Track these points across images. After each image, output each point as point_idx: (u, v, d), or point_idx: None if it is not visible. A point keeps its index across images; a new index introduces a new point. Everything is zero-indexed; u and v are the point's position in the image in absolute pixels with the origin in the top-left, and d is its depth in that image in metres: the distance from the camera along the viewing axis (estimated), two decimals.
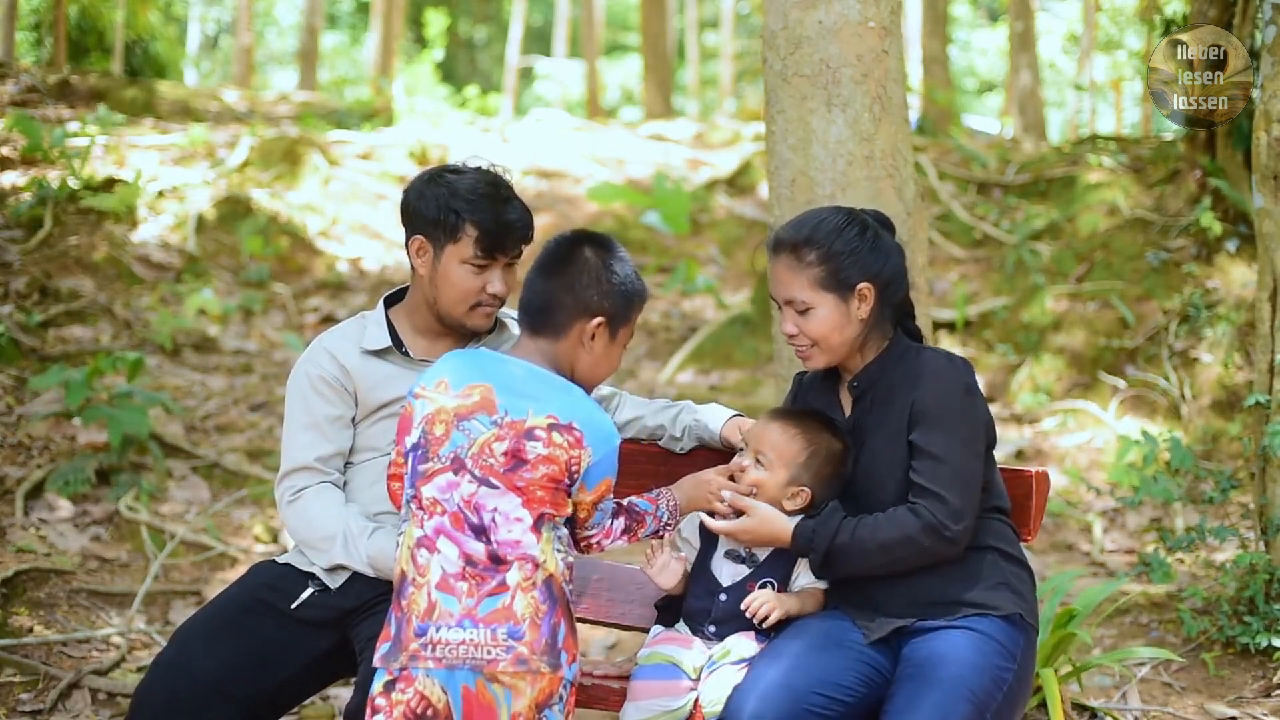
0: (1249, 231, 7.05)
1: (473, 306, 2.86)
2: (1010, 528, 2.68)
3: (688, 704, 2.56)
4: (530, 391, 2.42)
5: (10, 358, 6.29)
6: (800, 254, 2.64)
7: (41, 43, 15.29)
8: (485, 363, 2.48)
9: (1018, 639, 2.53)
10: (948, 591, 2.54)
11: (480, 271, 2.83)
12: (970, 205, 9.33)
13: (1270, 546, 4.12)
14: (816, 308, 2.63)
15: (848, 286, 2.62)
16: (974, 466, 2.56)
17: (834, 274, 2.62)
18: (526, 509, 2.36)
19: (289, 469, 2.87)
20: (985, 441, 2.61)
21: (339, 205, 9.99)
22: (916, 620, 2.54)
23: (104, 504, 5.33)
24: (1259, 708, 3.84)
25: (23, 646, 4.11)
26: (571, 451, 2.38)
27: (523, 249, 2.90)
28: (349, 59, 25.42)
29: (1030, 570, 2.67)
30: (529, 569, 2.35)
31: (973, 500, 2.54)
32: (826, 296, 2.62)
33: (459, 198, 2.81)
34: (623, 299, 2.54)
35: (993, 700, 2.45)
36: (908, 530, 2.51)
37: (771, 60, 3.75)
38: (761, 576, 2.66)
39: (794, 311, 2.65)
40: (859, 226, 2.67)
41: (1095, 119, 20.85)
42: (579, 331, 2.50)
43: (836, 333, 2.64)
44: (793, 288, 2.64)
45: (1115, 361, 7.21)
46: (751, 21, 26.34)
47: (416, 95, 14.60)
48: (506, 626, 2.32)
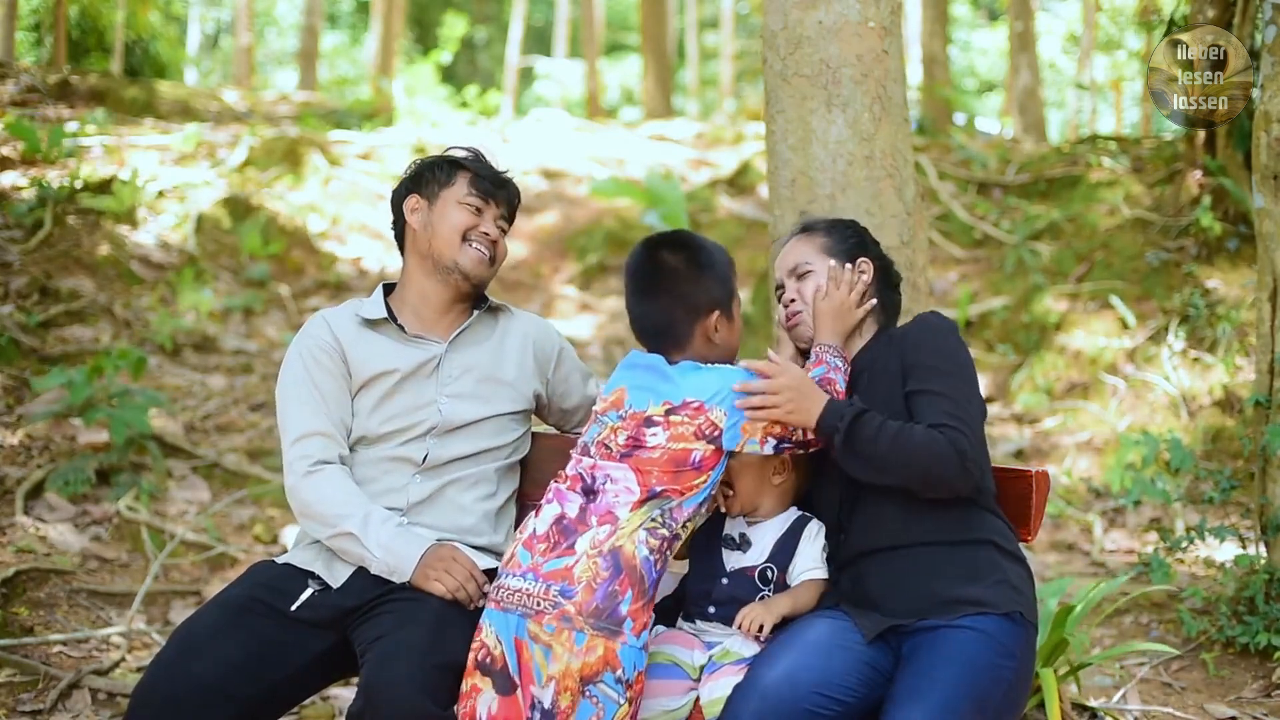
0: (1249, 231, 7.05)
1: (465, 240, 2.97)
2: (1004, 522, 2.68)
3: (687, 704, 2.56)
4: (652, 385, 2.59)
5: (10, 358, 6.29)
6: (808, 230, 2.90)
7: (41, 43, 15.29)
8: (629, 369, 2.68)
9: (1017, 636, 2.53)
10: (947, 590, 2.53)
11: (475, 213, 2.98)
12: (970, 205, 9.33)
13: (1270, 546, 4.12)
14: (817, 270, 2.80)
15: (848, 256, 2.82)
16: (979, 407, 2.59)
17: (838, 243, 2.84)
18: (639, 483, 2.50)
19: (299, 435, 2.86)
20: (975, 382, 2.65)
21: (339, 205, 10.00)
22: (916, 620, 2.54)
23: (104, 504, 5.33)
24: (1259, 708, 3.84)
25: (23, 646, 4.11)
26: (696, 420, 2.52)
27: (512, 215, 3.06)
28: (349, 59, 25.42)
29: (1026, 564, 2.67)
30: (602, 535, 2.47)
31: (982, 443, 2.56)
32: (828, 261, 2.81)
33: (452, 153, 3.05)
34: (722, 282, 2.67)
35: (993, 698, 2.45)
36: (934, 444, 2.50)
37: (771, 60, 3.75)
38: (763, 565, 2.67)
39: (795, 279, 2.83)
40: (861, 229, 2.92)
41: (1095, 119, 20.85)
42: (703, 331, 2.64)
43: None
44: (797, 254, 2.85)
45: (1115, 361, 7.21)
46: (751, 21, 26.33)
47: (416, 95, 14.61)
48: (560, 585, 2.43)
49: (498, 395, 2.98)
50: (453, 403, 2.91)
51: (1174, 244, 7.64)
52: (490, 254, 3.00)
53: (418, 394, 2.92)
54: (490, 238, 2.99)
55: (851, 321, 2.76)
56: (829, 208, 3.66)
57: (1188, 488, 5.38)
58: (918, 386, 2.59)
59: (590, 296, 9.43)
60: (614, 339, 8.77)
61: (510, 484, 3.03)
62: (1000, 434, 7.01)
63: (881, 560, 2.61)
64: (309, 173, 10.23)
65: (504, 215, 3.03)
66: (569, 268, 9.63)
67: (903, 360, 2.64)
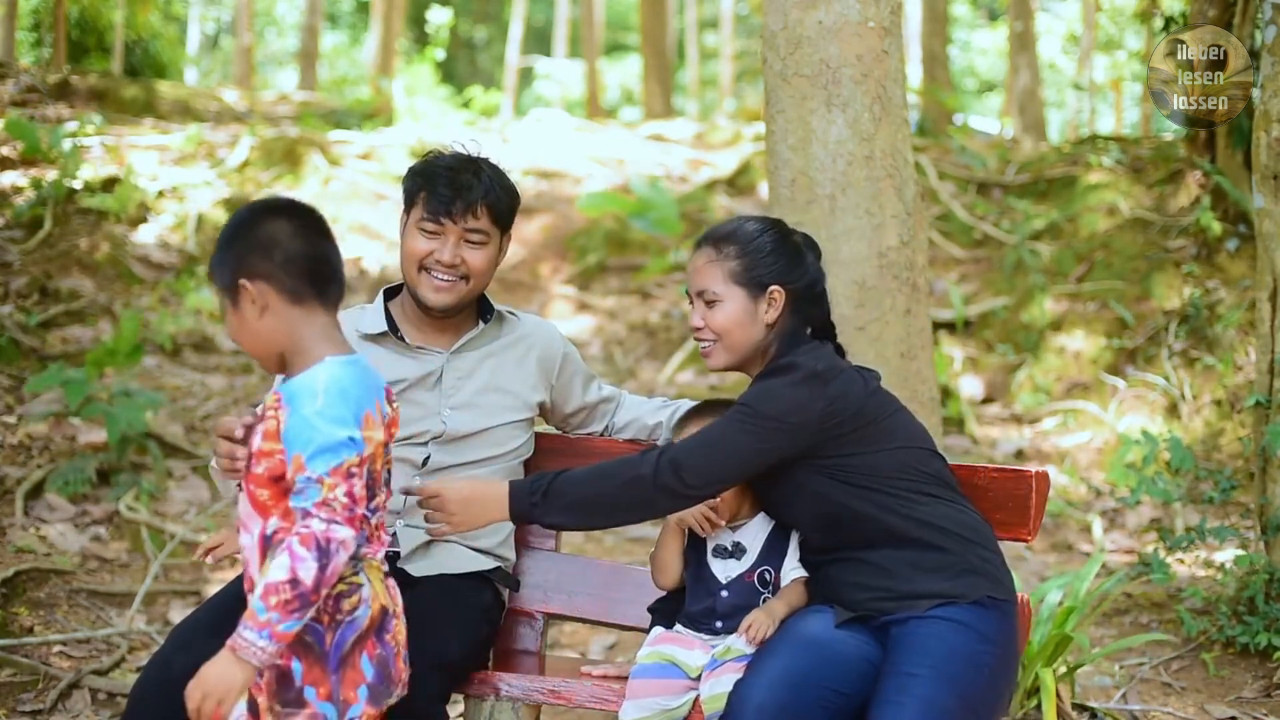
0: (1249, 231, 7.05)
1: (420, 270, 2.84)
2: (968, 507, 2.64)
3: (686, 704, 2.56)
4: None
5: (10, 358, 6.29)
6: (720, 247, 2.69)
7: (41, 43, 15.29)
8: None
9: (990, 619, 2.51)
10: (910, 586, 2.53)
11: (430, 237, 2.83)
12: (970, 205, 9.33)
13: (1270, 546, 4.12)
14: (725, 300, 2.66)
15: (759, 285, 2.65)
16: (736, 440, 2.52)
17: (747, 270, 2.65)
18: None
19: None
20: (787, 422, 2.52)
21: (339, 205, 9.99)
22: (884, 615, 2.53)
23: (104, 504, 5.33)
24: (1259, 708, 3.84)
25: (23, 646, 4.10)
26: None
27: (499, 221, 2.87)
28: (349, 59, 25.39)
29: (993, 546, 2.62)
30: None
31: (717, 467, 2.51)
32: (737, 291, 2.65)
33: (423, 168, 2.87)
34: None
35: (974, 685, 2.45)
36: (630, 462, 2.54)
37: (771, 60, 3.75)
38: (758, 568, 2.67)
39: (703, 303, 2.68)
40: (780, 236, 2.72)
41: (1095, 119, 20.86)
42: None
43: (740, 329, 2.66)
44: (706, 278, 2.68)
45: (1115, 361, 7.21)
46: (751, 21, 26.32)
47: (416, 95, 14.60)
48: None
49: (501, 405, 2.95)
50: (456, 414, 2.89)
51: (1174, 244, 7.64)
52: (450, 279, 2.84)
53: (420, 404, 2.90)
54: (447, 263, 2.82)
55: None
56: (829, 208, 3.66)
57: (1188, 488, 5.38)
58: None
59: (589, 296, 9.42)
60: (613, 339, 8.78)
61: None
62: (1000, 434, 7.01)
63: (840, 565, 2.60)
64: (309, 173, 10.23)
65: (475, 229, 2.84)
66: (567, 268, 9.63)
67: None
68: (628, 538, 5.76)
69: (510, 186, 2.92)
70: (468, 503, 2.55)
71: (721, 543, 2.71)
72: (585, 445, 3.11)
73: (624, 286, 9.60)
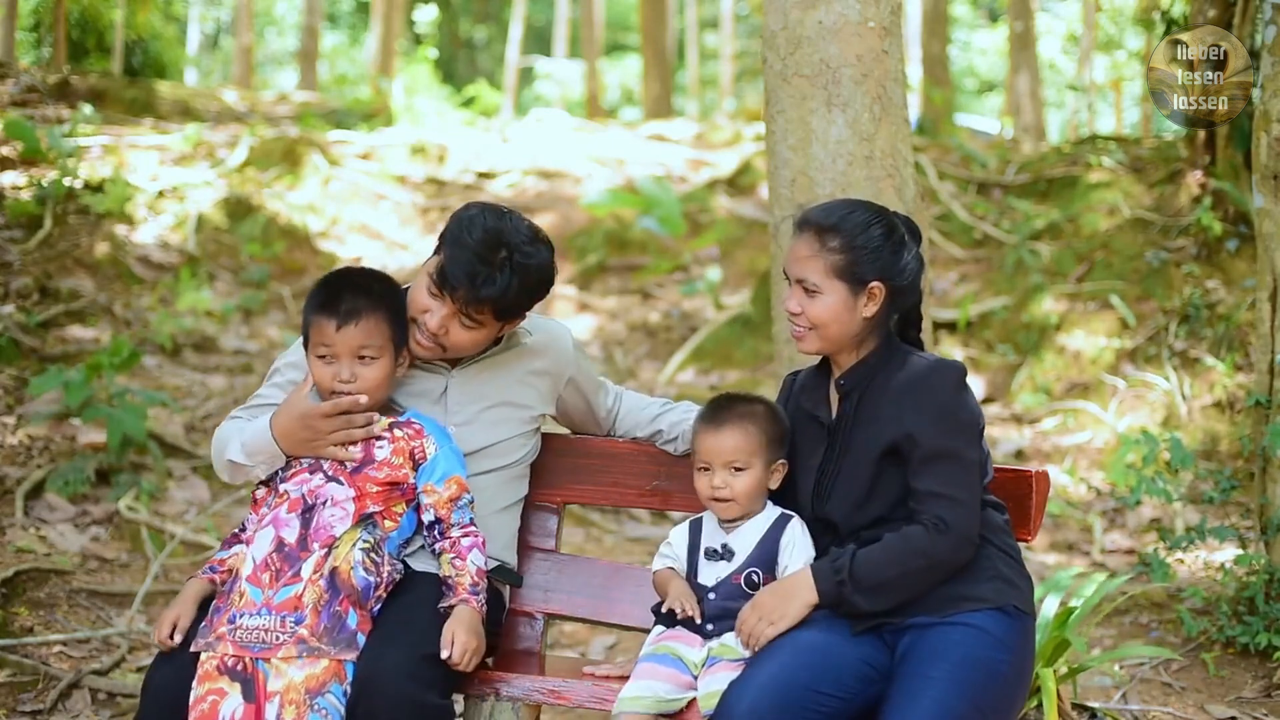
0: (1249, 231, 7.05)
1: (413, 320, 2.78)
2: (998, 513, 2.66)
3: (682, 700, 2.56)
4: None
5: (10, 358, 6.29)
6: (824, 238, 2.64)
7: (41, 43, 15.29)
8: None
9: (1011, 628, 2.52)
10: (938, 588, 2.53)
11: (431, 297, 2.74)
12: (970, 205, 9.34)
13: (1270, 546, 4.12)
14: (825, 293, 2.62)
15: (861, 281, 2.62)
16: (966, 462, 2.57)
17: (851, 266, 2.62)
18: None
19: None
20: (979, 435, 2.63)
21: (339, 205, 10.00)
22: (907, 619, 2.54)
23: (104, 504, 5.33)
24: (1259, 708, 3.84)
25: (23, 646, 4.10)
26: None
27: (500, 314, 2.77)
28: (349, 59, 25.39)
29: (1018, 554, 2.65)
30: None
31: (970, 497, 2.55)
32: (838, 285, 2.62)
33: (456, 232, 2.74)
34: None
35: (989, 692, 2.46)
36: (915, 540, 2.52)
37: (771, 60, 3.75)
38: (746, 569, 2.65)
39: (802, 290, 2.64)
40: (887, 227, 2.66)
41: (1095, 119, 20.86)
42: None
43: (837, 323, 2.63)
44: (808, 268, 2.63)
45: (1115, 361, 7.21)
46: (751, 21, 26.33)
47: (416, 95, 14.60)
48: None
49: (506, 420, 2.93)
50: (460, 430, 2.87)
51: (1174, 244, 7.64)
52: (430, 345, 2.77)
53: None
54: (431, 330, 2.74)
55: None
56: None
57: (1188, 488, 5.38)
58: (917, 454, 2.56)
59: (589, 296, 9.43)
60: (614, 339, 8.78)
61: (519, 489, 3.01)
62: (1000, 434, 7.01)
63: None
64: (308, 173, 10.23)
65: (473, 316, 2.73)
66: (568, 268, 9.63)
67: (900, 416, 2.57)
68: (628, 538, 5.76)
69: (531, 285, 2.76)
70: (783, 601, 2.56)
71: (712, 545, 2.70)
72: (586, 445, 3.11)
73: (624, 286, 9.60)
